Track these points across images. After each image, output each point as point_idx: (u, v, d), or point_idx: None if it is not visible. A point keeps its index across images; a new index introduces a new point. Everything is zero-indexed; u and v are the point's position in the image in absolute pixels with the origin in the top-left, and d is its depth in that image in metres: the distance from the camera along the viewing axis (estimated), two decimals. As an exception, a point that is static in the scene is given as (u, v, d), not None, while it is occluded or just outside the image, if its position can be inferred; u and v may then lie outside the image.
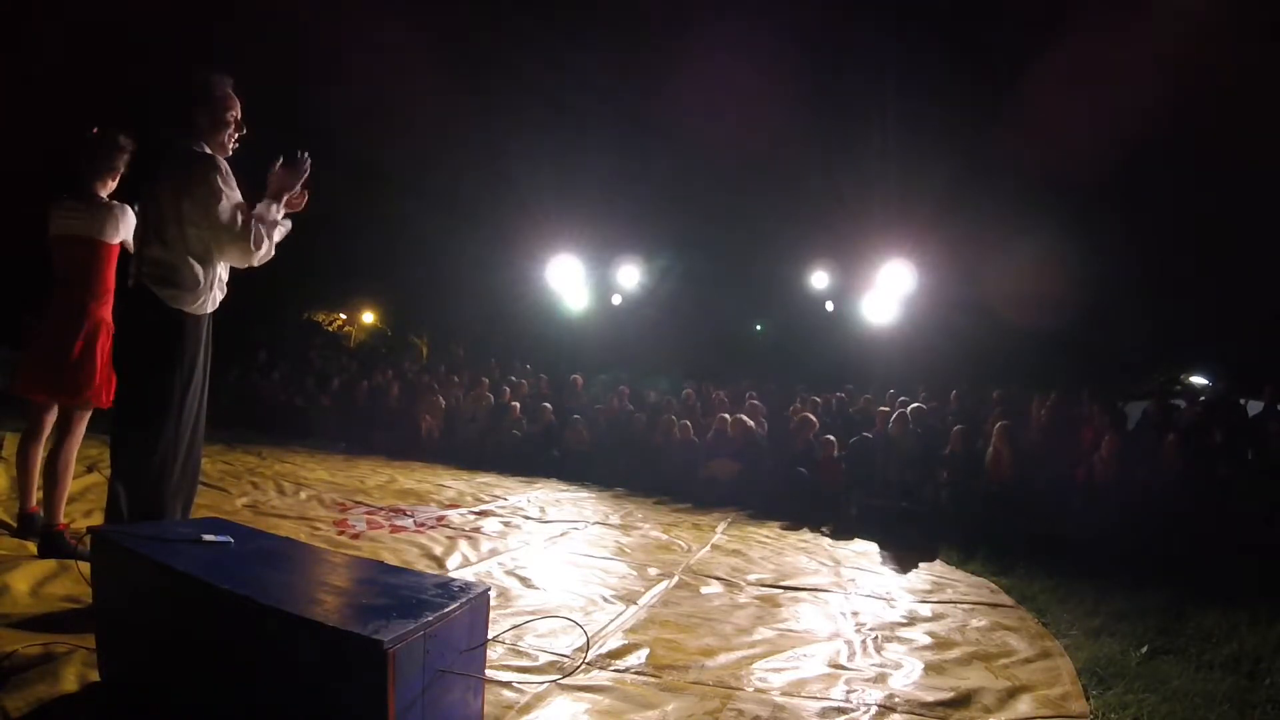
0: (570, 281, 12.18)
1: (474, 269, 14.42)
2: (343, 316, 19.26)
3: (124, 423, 2.45)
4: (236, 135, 2.58)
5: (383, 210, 13.89)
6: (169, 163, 2.48)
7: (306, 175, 2.63)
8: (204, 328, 2.52)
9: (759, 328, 15.89)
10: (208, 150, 2.49)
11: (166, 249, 2.41)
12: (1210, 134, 9.55)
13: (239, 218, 2.44)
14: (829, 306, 11.89)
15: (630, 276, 12.31)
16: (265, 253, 2.54)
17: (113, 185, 3.07)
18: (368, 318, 19.37)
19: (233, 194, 2.44)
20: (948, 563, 4.83)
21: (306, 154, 2.60)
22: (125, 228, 3.01)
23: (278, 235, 2.59)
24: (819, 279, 11.53)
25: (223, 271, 2.56)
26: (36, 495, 3.09)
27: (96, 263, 2.99)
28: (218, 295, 2.54)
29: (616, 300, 12.79)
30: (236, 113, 2.56)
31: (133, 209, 2.97)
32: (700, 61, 10.39)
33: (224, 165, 2.45)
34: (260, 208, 2.53)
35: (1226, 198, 10.19)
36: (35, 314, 3.14)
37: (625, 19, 11.41)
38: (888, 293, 10.38)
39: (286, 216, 2.66)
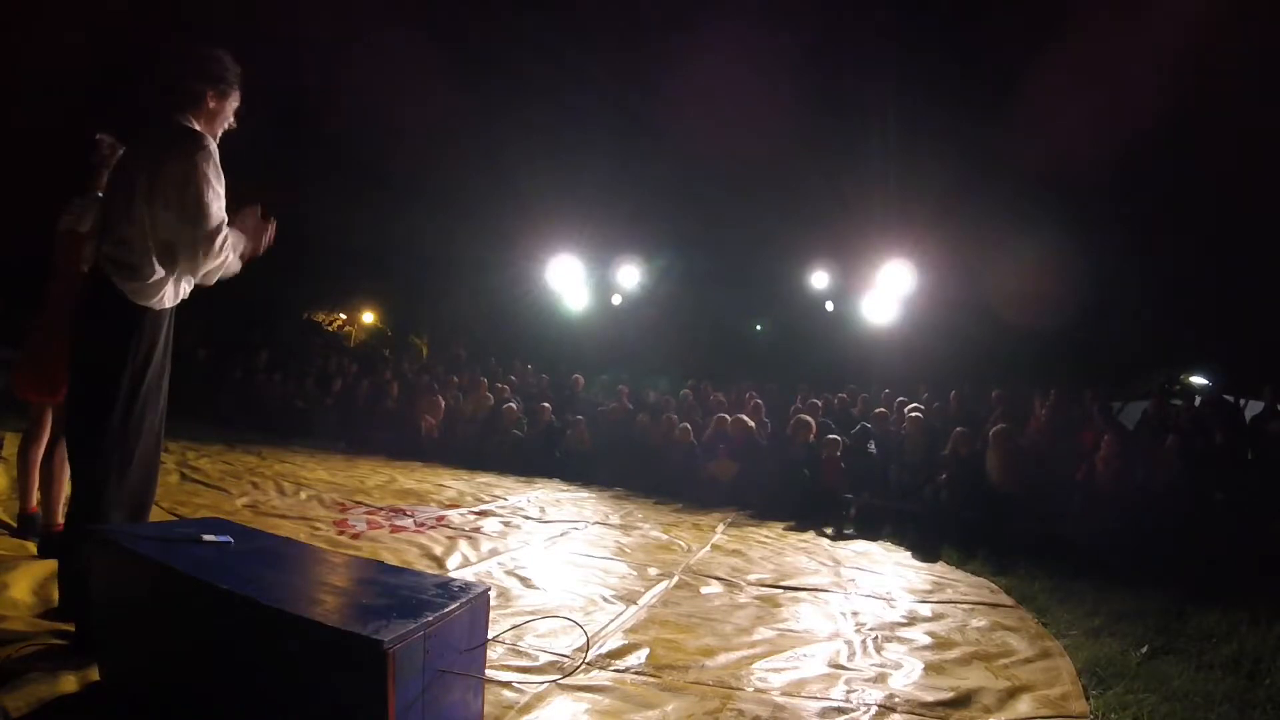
0: (570, 281, 12.18)
1: (474, 269, 14.42)
2: (343, 316, 19.26)
3: (70, 422, 2.24)
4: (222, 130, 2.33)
5: (383, 210, 13.90)
6: (153, 133, 2.19)
7: (264, 239, 2.40)
8: (164, 323, 2.23)
9: (759, 328, 15.89)
10: (199, 128, 2.21)
11: (131, 230, 2.12)
12: (1211, 133, 9.54)
13: (214, 214, 2.11)
14: (829, 306, 11.89)
15: (630, 276, 12.31)
16: (215, 268, 2.21)
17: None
18: (368, 318, 19.37)
19: (218, 186, 2.14)
20: (948, 563, 4.83)
21: (274, 223, 2.41)
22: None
23: (234, 266, 2.28)
24: (819, 279, 11.52)
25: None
26: (36, 495, 3.09)
27: (76, 258, 2.93)
28: (184, 288, 2.26)
29: (616, 300, 12.79)
30: (238, 104, 2.33)
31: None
32: (700, 61, 10.38)
33: (216, 151, 2.15)
34: (230, 231, 2.22)
35: (1226, 197, 10.18)
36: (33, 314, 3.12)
37: (625, 19, 11.40)
38: (888, 293, 10.38)
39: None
